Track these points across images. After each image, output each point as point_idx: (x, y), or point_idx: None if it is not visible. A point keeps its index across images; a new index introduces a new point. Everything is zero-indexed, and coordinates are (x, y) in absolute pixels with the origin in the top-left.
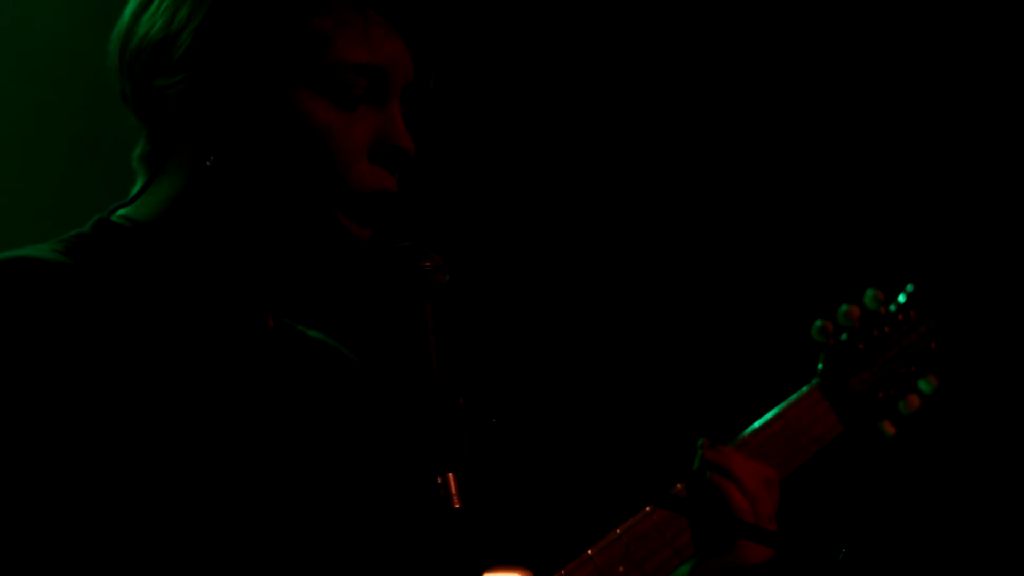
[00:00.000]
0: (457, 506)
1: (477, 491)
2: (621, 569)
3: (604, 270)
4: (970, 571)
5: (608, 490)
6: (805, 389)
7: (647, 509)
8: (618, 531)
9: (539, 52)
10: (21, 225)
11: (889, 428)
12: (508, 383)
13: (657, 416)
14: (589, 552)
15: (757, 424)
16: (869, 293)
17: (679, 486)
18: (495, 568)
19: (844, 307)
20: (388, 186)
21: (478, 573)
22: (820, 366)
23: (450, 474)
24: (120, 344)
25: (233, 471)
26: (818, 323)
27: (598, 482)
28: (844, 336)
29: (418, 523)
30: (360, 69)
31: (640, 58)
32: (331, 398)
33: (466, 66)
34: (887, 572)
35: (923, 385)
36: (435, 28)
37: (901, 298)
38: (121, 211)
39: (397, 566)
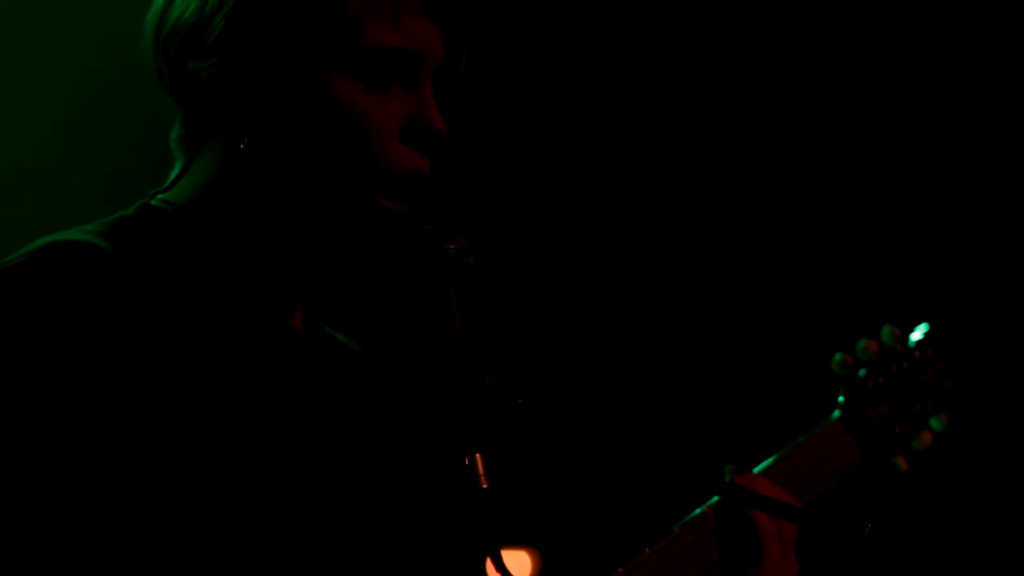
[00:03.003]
0: (485, 487)
1: (504, 472)
2: None
3: (626, 271)
4: None
5: (630, 487)
6: (827, 421)
7: (675, 531)
8: (647, 551)
9: (570, 37)
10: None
11: (902, 463)
12: (534, 365)
13: (681, 441)
14: (620, 570)
15: (781, 453)
16: (886, 330)
17: (707, 510)
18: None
19: (863, 342)
20: (421, 167)
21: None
22: (841, 399)
23: (478, 455)
24: (155, 337)
25: (257, 471)
26: (838, 356)
27: (620, 480)
28: (863, 371)
29: (441, 513)
30: (390, 52)
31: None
32: (354, 403)
33: (494, 50)
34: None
35: (934, 423)
36: (464, 8)
37: (918, 335)
38: (160, 196)
39: (423, 558)
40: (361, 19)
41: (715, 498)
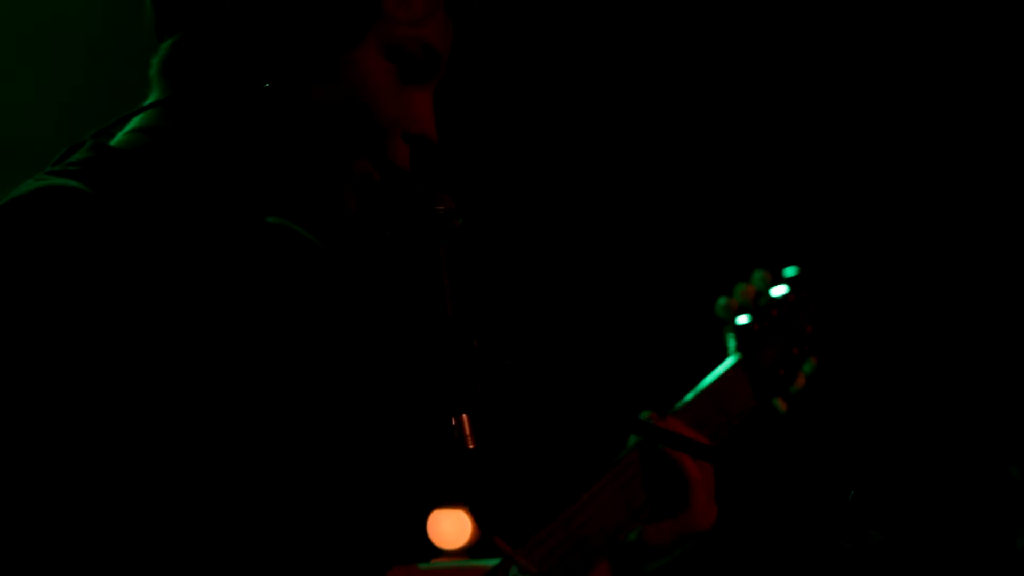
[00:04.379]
0: (471, 447)
1: (490, 432)
2: (588, 531)
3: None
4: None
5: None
6: (729, 364)
7: (608, 476)
8: (584, 496)
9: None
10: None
11: (782, 405)
12: (519, 326)
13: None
14: (561, 516)
15: (689, 397)
16: (757, 275)
17: (635, 455)
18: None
19: (740, 286)
20: (406, 165)
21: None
22: (732, 343)
23: (464, 416)
24: (154, 276)
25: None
26: (722, 300)
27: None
28: (748, 316)
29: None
30: (428, 51)
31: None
32: (325, 299)
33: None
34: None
35: (806, 367)
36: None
37: (783, 287)
38: (140, 118)
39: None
40: (423, 15)
41: (633, 438)
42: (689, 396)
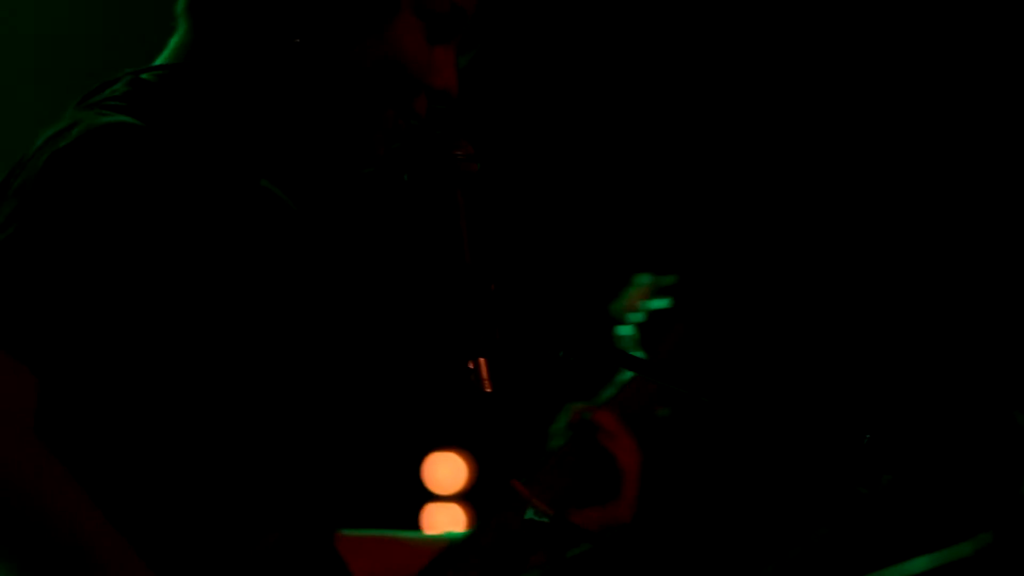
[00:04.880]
0: (488, 391)
1: (505, 376)
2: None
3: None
4: None
5: None
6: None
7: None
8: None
9: None
10: None
11: (662, 408)
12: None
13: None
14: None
15: (611, 391)
16: (643, 278)
17: (572, 444)
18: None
19: (631, 289)
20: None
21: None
22: (632, 342)
23: (482, 359)
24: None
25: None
26: (619, 303)
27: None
28: (640, 316)
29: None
30: (456, 10)
31: None
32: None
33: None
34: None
35: None
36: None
37: (668, 287)
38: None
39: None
40: None
41: (560, 423)
42: (610, 391)
